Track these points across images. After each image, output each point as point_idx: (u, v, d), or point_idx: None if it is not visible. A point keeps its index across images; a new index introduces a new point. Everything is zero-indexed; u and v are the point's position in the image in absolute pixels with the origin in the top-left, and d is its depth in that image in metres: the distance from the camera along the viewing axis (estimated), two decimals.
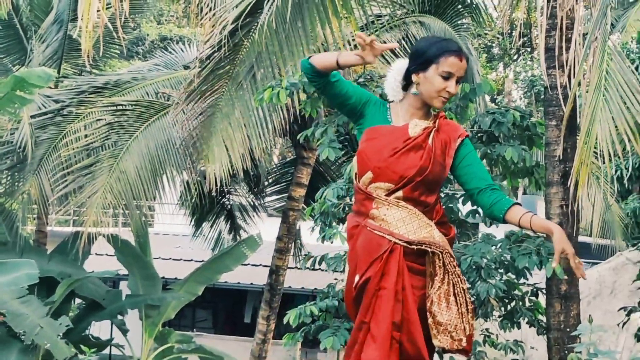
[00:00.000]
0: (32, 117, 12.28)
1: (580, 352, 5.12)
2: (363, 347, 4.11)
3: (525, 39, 30.25)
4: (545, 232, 4.07)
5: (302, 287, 19.09)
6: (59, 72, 13.84)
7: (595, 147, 6.74)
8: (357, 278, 4.18)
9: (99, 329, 16.10)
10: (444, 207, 8.32)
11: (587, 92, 6.73)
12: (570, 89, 7.40)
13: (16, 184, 13.15)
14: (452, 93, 4.14)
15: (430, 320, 4.11)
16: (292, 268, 14.76)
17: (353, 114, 4.32)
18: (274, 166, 16.89)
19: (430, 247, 4.10)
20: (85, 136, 12.44)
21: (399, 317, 4.08)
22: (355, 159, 4.32)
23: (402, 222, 4.13)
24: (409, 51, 12.01)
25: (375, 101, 4.32)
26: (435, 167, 4.14)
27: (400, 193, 4.13)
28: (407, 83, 4.25)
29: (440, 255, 4.11)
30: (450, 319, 4.11)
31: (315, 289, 17.96)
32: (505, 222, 4.14)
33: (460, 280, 4.16)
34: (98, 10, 7.66)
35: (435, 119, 4.24)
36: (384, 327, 4.06)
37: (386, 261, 4.10)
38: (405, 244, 4.10)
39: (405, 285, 4.10)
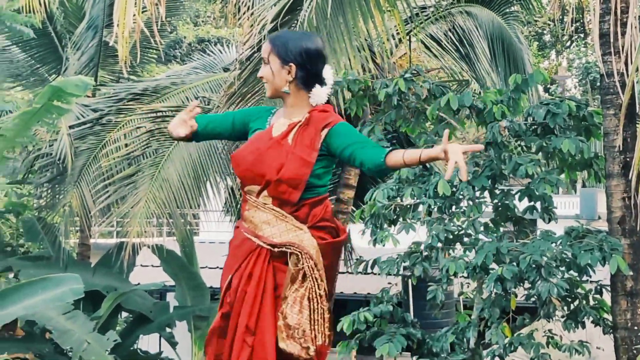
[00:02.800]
0: (70, 127, 12.39)
1: None
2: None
3: (577, 24, 29.98)
4: (440, 155, 3.86)
5: (355, 293, 19.05)
6: (95, 80, 13.95)
7: None
8: (229, 278, 4.30)
9: (147, 342, 16.20)
10: (500, 205, 8.31)
11: None
12: (627, 75, 7.32)
13: (57, 196, 13.28)
14: (258, 76, 4.47)
15: (280, 322, 4.16)
16: (343, 273, 14.72)
17: (238, 137, 4.55)
18: None
19: (290, 249, 4.16)
20: (126, 145, 12.52)
21: (253, 321, 4.17)
22: None
23: (268, 224, 4.22)
24: (457, 43, 11.98)
25: (257, 112, 4.50)
26: (293, 164, 4.17)
27: (265, 192, 4.23)
28: None
29: (300, 256, 4.15)
30: (300, 323, 4.14)
31: (368, 293, 17.92)
32: (387, 167, 4.03)
33: (317, 286, 4.18)
34: (133, 15, 7.71)
35: (307, 113, 4.28)
36: (240, 331, 4.18)
37: (251, 263, 4.22)
38: (269, 247, 4.19)
39: (266, 288, 4.18)
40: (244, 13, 10.30)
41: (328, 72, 4.27)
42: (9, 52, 15.55)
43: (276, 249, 4.17)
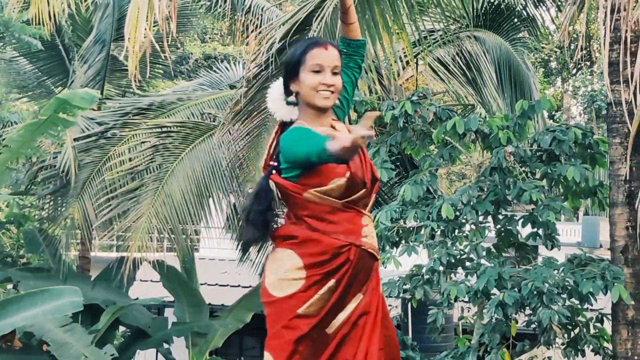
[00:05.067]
0: (75, 140, 12.38)
1: None
2: None
3: (583, 52, 30.03)
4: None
5: None
6: (102, 94, 13.96)
7: None
8: (360, 298, 4.17)
9: (145, 357, 16.16)
10: (503, 230, 8.29)
11: None
12: (635, 104, 7.31)
13: (59, 209, 13.25)
14: (329, 84, 3.93)
15: None
16: None
17: None
18: None
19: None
20: (130, 159, 12.50)
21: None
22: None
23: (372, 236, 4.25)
24: (464, 68, 11.99)
25: None
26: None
27: (368, 198, 4.16)
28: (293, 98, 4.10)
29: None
30: None
31: None
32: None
33: None
34: (144, 30, 7.72)
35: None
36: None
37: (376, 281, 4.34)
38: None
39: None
40: (252, 31, 10.30)
41: None
42: (16, 63, 15.62)
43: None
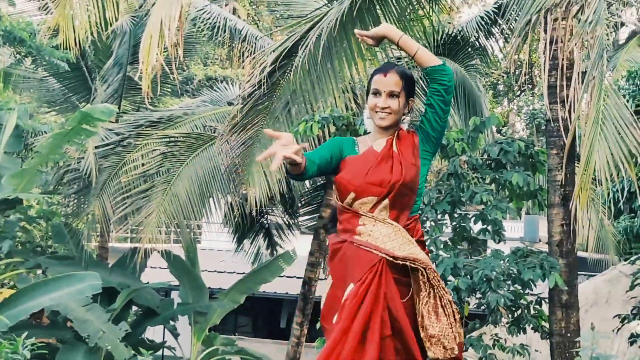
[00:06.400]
0: (96, 147, 12.37)
1: (581, 356, 5.06)
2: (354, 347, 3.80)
3: (526, 77, 30.18)
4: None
5: None
6: (119, 108, 13.92)
7: (592, 174, 6.70)
8: (351, 286, 3.87)
9: (154, 333, 16.11)
10: (457, 226, 8.32)
11: (585, 124, 6.70)
12: (570, 122, 7.37)
13: (82, 206, 13.24)
14: (379, 106, 3.91)
15: (422, 334, 3.85)
16: (323, 279, 14.67)
17: (334, 169, 4.10)
18: (307, 189, 16.81)
19: (414, 263, 3.81)
20: (142, 164, 12.49)
21: (382, 316, 3.82)
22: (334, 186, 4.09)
23: (388, 238, 3.86)
24: (425, 89, 11.98)
25: (346, 142, 4.12)
26: (408, 168, 3.89)
27: (386, 202, 3.89)
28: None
29: (424, 272, 3.82)
30: (442, 330, 3.84)
31: None
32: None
33: (446, 292, 3.89)
34: (156, 54, 7.74)
35: (396, 131, 4.01)
36: (359, 324, 3.79)
37: (375, 274, 3.83)
38: (391, 259, 3.83)
39: (390, 294, 3.83)
40: (247, 57, 10.26)
41: None
42: (46, 82, 15.55)
43: (400, 262, 3.81)
